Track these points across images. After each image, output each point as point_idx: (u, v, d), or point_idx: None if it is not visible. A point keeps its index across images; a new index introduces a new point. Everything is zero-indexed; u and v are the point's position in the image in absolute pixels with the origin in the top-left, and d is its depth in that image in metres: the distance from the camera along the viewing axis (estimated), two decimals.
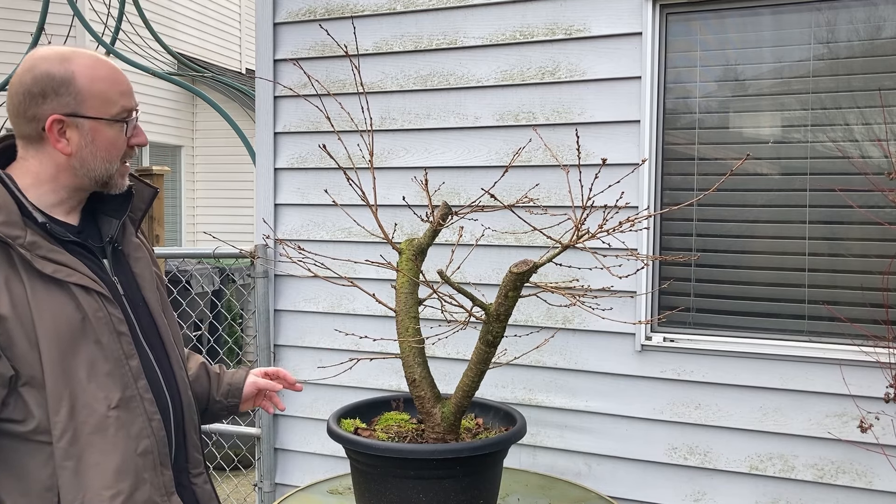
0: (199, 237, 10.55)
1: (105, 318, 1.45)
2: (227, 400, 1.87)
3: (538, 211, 2.55)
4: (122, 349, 1.47)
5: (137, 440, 1.46)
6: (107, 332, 1.45)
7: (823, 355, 2.46)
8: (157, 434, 1.49)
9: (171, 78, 7.28)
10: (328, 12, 3.10)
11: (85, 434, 1.42)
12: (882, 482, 2.42)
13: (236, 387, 1.88)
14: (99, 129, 1.47)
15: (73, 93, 1.44)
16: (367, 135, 2.90)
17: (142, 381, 1.49)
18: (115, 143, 1.49)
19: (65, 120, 1.44)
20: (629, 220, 1.97)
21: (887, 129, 2.40)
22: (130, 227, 1.62)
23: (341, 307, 3.11)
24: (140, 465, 1.46)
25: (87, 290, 1.44)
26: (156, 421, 1.49)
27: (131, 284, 1.57)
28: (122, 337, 1.47)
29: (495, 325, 1.92)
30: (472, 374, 1.99)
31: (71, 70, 1.44)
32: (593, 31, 2.69)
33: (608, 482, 2.73)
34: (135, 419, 1.46)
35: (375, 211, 2.21)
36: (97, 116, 1.46)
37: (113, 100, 1.47)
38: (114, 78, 1.49)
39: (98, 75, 1.46)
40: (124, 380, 1.46)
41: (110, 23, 7.13)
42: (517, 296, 1.89)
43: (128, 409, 1.46)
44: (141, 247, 1.63)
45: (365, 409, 2.28)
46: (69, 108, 1.44)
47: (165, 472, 1.51)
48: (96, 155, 1.48)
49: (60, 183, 1.48)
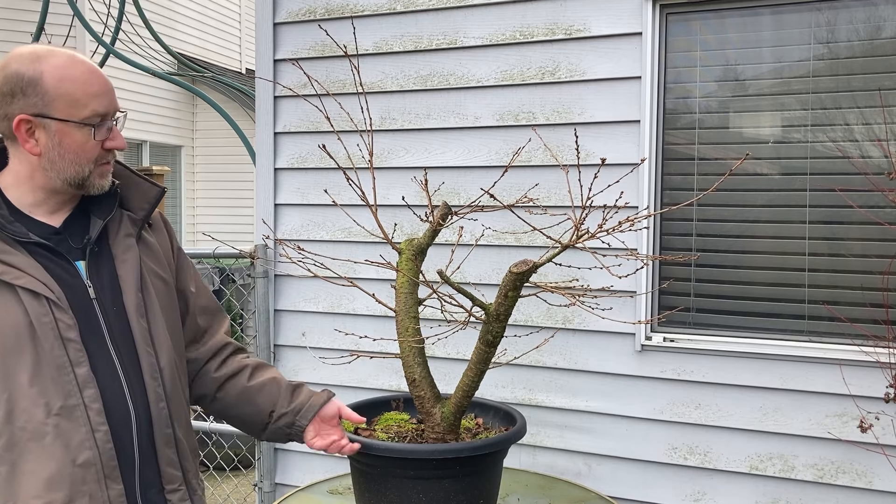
0: (198, 237, 10.55)
1: (50, 323, 1.40)
2: (296, 419, 1.73)
3: (538, 211, 2.55)
4: (67, 356, 1.41)
5: (78, 451, 1.40)
6: (51, 338, 1.40)
7: (823, 355, 2.46)
8: (102, 446, 1.42)
9: (171, 78, 7.28)
10: (328, 12, 3.10)
11: (22, 440, 1.38)
12: (882, 482, 2.42)
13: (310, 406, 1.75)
14: (66, 131, 1.43)
15: (41, 93, 1.41)
16: (367, 135, 2.90)
17: (90, 389, 1.42)
18: (83, 146, 1.45)
19: (32, 120, 1.42)
20: (629, 219, 1.97)
21: (887, 129, 2.40)
22: (129, 227, 1.56)
23: (341, 307, 3.11)
24: (78, 477, 1.40)
25: (35, 295, 1.40)
26: (101, 432, 1.42)
27: (111, 288, 1.51)
28: (68, 343, 1.41)
29: (495, 325, 1.92)
30: (471, 373, 1.99)
31: (40, 70, 1.41)
32: (593, 31, 2.69)
33: (608, 482, 2.73)
34: (76, 429, 1.40)
35: (375, 211, 2.22)
36: (64, 119, 1.42)
37: (82, 102, 1.43)
38: (86, 80, 1.44)
39: (68, 76, 1.42)
40: (68, 387, 1.40)
41: (110, 23, 7.13)
42: (517, 296, 1.89)
43: (69, 418, 1.40)
44: (133, 248, 1.55)
45: (365, 409, 2.28)
46: (36, 108, 1.41)
47: (114, 486, 1.43)
48: (64, 157, 1.44)
49: (36, 183, 1.47)
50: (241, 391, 1.74)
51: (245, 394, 1.74)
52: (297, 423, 1.74)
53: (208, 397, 1.75)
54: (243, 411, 1.75)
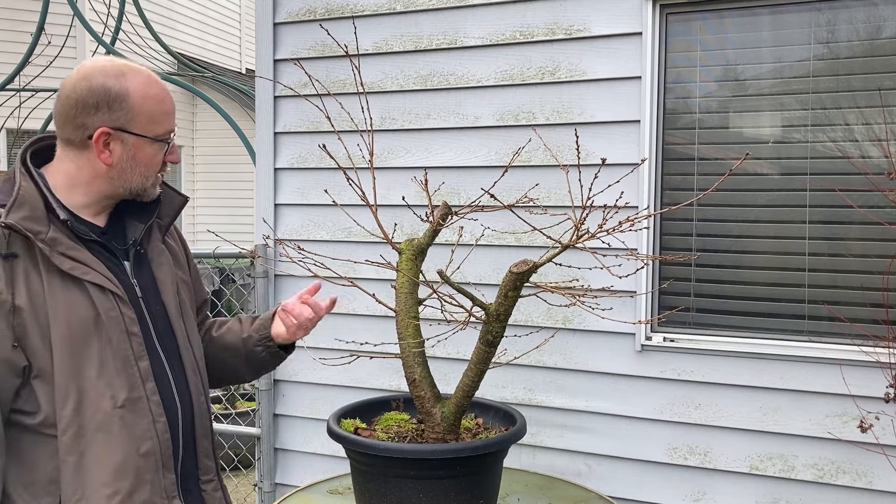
0: (199, 237, 10.54)
1: (117, 317, 1.48)
2: (258, 333, 1.79)
3: (538, 211, 2.55)
4: (132, 349, 1.49)
5: (141, 441, 1.48)
6: (118, 332, 1.47)
7: (823, 355, 2.46)
8: (162, 436, 1.51)
9: (171, 78, 7.27)
10: (328, 12, 3.10)
11: (90, 430, 1.44)
12: (882, 482, 2.42)
13: (265, 318, 1.83)
14: (141, 146, 1.52)
15: (126, 109, 1.48)
16: (367, 135, 2.90)
17: (150, 382, 1.50)
18: (153, 159, 1.55)
19: (112, 133, 1.48)
20: (629, 219, 1.97)
21: (887, 129, 2.40)
22: (157, 233, 1.66)
23: (341, 307, 3.11)
24: (142, 466, 1.48)
25: (102, 289, 1.47)
26: (161, 423, 1.51)
27: (151, 288, 1.60)
28: (133, 337, 1.50)
29: (495, 325, 1.92)
30: (472, 374, 1.99)
31: (126, 87, 1.48)
32: (593, 31, 2.69)
33: (608, 482, 2.73)
34: (140, 420, 1.48)
35: (375, 211, 2.21)
36: (142, 134, 1.51)
37: (159, 120, 1.53)
38: (162, 99, 1.53)
39: (150, 94, 1.51)
40: (132, 380, 1.48)
41: (110, 23, 7.12)
42: (517, 296, 1.89)
43: (133, 410, 1.48)
44: (165, 252, 1.66)
45: (365, 408, 2.28)
46: (118, 122, 1.48)
47: (168, 475, 1.52)
48: (135, 169, 1.53)
49: (94, 188, 1.53)
50: (217, 345, 1.82)
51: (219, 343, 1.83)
52: (262, 334, 1.79)
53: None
54: (224, 357, 1.82)
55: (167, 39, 8.66)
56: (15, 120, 6.93)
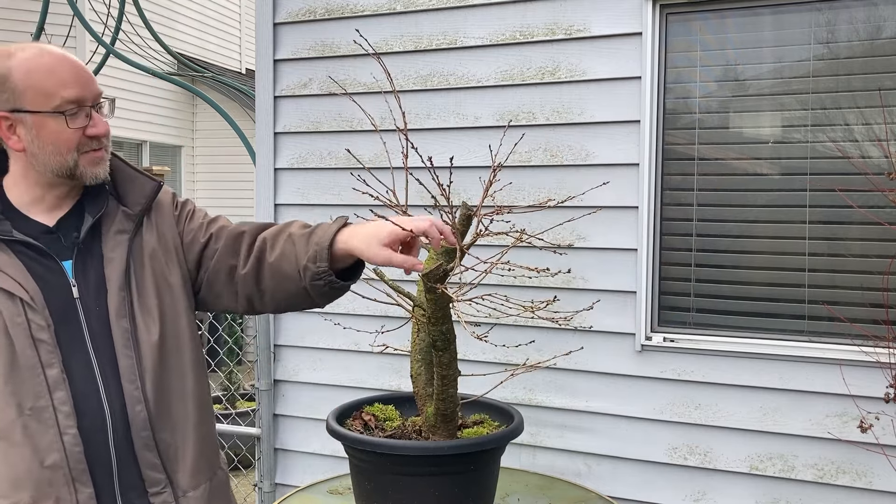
0: None
1: (23, 324, 1.40)
2: (315, 266, 1.50)
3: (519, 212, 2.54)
4: (38, 357, 1.41)
5: (46, 452, 1.40)
6: (22, 338, 1.40)
7: (823, 355, 2.46)
8: (70, 449, 1.41)
9: (171, 78, 7.28)
10: (328, 12, 3.10)
11: None
12: (882, 482, 2.42)
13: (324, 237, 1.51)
14: (42, 122, 1.42)
15: (10, 89, 1.41)
16: (374, 133, 2.89)
17: (60, 391, 1.41)
18: (59, 135, 1.43)
19: (9, 117, 1.42)
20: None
21: (887, 129, 2.40)
22: (123, 223, 1.53)
23: (342, 307, 3.11)
24: (45, 479, 1.40)
25: (10, 295, 1.41)
26: (69, 435, 1.41)
27: (96, 287, 1.49)
28: (40, 344, 1.41)
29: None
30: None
31: (9, 66, 1.41)
32: (593, 31, 2.69)
33: (608, 482, 2.73)
34: (45, 430, 1.40)
35: (405, 211, 2.21)
36: (36, 110, 1.41)
37: (51, 91, 1.41)
38: (52, 69, 1.42)
39: (36, 67, 1.41)
40: (37, 388, 1.40)
41: (110, 23, 7.12)
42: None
43: (38, 420, 1.40)
44: (120, 246, 1.51)
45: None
46: (9, 104, 1.41)
47: (83, 489, 1.42)
48: (44, 149, 1.43)
49: (30, 180, 1.47)
50: (272, 272, 1.57)
51: (274, 271, 1.57)
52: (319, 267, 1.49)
53: (255, 296, 1.61)
54: (284, 288, 1.58)
55: (167, 39, 8.66)
56: None
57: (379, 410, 2.25)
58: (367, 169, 2.74)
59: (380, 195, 2.28)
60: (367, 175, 2.69)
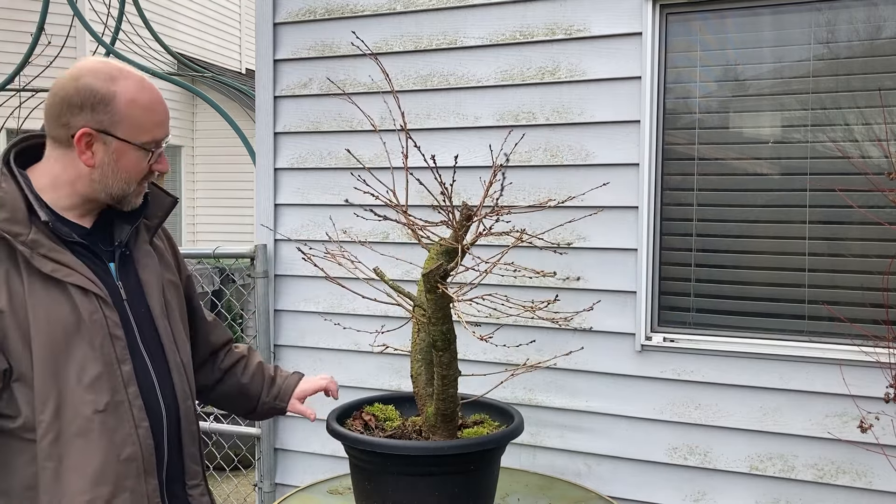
0: (199, 237, 10.54)
1: (100, 320, 1.45)
2: (277, 402, 1.96)
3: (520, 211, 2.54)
4: (115, 353, 1.46)
5: (122, 446, 1.45)
6: (101, 335, 1.45)
7: (823, 355, 2.46)
8: (144, 442, 1.48)
9: (171, 78, 7.27)
10: (328, 12, 3.10)
11: (68, 435, 1.41)
12: (882, 482, 2.42)
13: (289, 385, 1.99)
14: (125, 150, 1.49)
15: (110, 112, 1.46)
16: (391, 133, 2.89)
17: (132, 387, 1.48)
18: (136, 166, 1.52)
19: (94, 134, 1.46)
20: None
21: (887, 129, 2.40)
22: (144, 234, 1.63)
23: (341, 307, 3.11)
24: (122, 472, 1.45)
25: (84, 292, 1.45)
26: (143, 428, 1.48)
27: (136, 290, 1.57)
28: (116, 341, 1.47)
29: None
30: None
31: (114, 90, 1.46)
32: (593, 31, 2.69)
33: (608, 482, 2.73)
34: (121, 425, 1.45)
35: (405, 211, 2.21)
36: (126, 140, 1.49)
37: (146, 128, 1.50)
38: (152, 108, 1.51)
39: (138, 101, 1.48)
40: (114, 384, 1.45)
41: (110, 23, 7.11)
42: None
43: (115, 414, 1.45)
44: (151, 254, 1.63)
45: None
46: (102, 125, 1.46)
47: (151, 480, 1.49)
48: (117, 174, 1.50)
49: (76, 189, 1.51)
50: (238, 386, 1.92)
51: (240, 388, 1.92)
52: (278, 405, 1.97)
53: (208, 388, 1.89)
54: (237, 402, 1.96)
55: (167, 39, 8.66)
56: (15, 120, 6.93)
57: (379, 410, 2.25)
58: (368, 169, 2.74)
59: (380, 195, 2.28)
60: (367, 175, 2.69)
